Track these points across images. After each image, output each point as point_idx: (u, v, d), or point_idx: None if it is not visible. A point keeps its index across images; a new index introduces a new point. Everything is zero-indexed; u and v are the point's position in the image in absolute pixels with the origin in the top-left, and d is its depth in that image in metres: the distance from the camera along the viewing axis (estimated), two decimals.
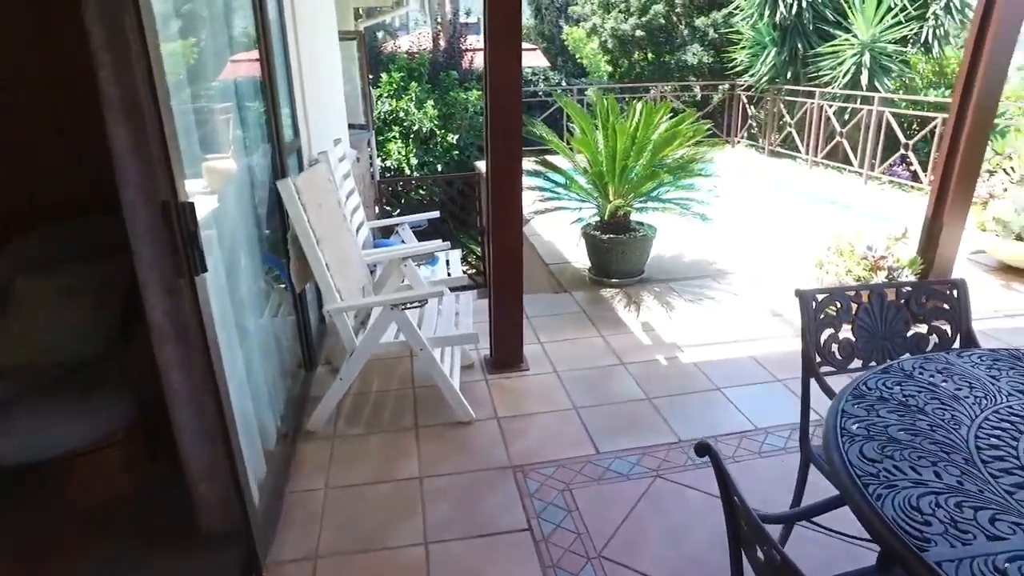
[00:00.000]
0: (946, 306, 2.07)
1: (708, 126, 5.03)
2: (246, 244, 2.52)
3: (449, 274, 3.90)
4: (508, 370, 3.56)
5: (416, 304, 3.02)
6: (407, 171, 10.98)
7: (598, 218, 4.82)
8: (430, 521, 2.42)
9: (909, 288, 2.09)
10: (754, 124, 11.27)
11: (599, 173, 4.56)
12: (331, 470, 2.74)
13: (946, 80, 10.16)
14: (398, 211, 10.54)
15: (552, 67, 16.84)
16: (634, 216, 4.86)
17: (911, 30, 9.01)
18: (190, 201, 1.73)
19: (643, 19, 12.91)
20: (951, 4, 9.23)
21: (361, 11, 11.21)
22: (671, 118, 4.74)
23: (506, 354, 3.58)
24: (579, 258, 5.35)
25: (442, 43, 15.42)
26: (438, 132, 11.27)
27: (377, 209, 9.57)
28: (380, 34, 22.60)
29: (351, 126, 8.64)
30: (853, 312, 2.02)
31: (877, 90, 8.91)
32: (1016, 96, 10.98)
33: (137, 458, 2.46)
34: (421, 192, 10.97)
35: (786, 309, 4.36)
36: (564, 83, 14.95)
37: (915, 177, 8.18)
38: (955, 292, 2.07)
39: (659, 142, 4.33)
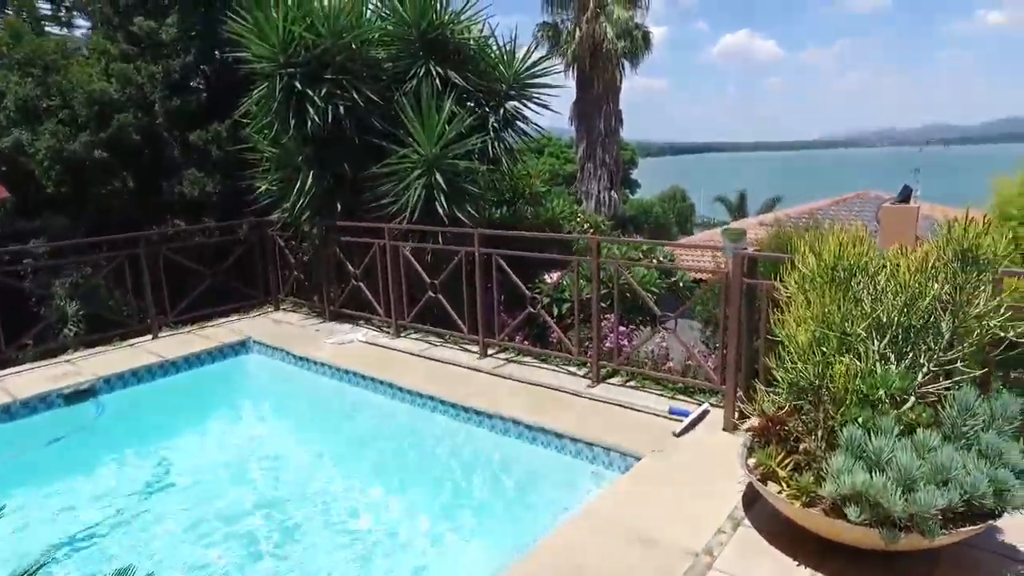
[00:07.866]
0: None
1: None
2: None
3: None
4: None
5: None
6: None
7: None
8: None
9: None
10: (301, 276, 7.93)
11: None
12: None
13: (508, 197, 8.70)
14: None
15: (22, 199, 11.02)
16: None
17: (474, 144, 7.00)
18: None
19: (103, 134, 8.50)
20: (506, 115, 7.65)
21: None
22: None
23: None
24: None
25: None
26: None
27: None
28: None
29: None
30: None
31: (459, 220, 6.57)
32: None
33: None
34: None
35: None
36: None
37: (544, 343, 5.87)
38: None
39: None
